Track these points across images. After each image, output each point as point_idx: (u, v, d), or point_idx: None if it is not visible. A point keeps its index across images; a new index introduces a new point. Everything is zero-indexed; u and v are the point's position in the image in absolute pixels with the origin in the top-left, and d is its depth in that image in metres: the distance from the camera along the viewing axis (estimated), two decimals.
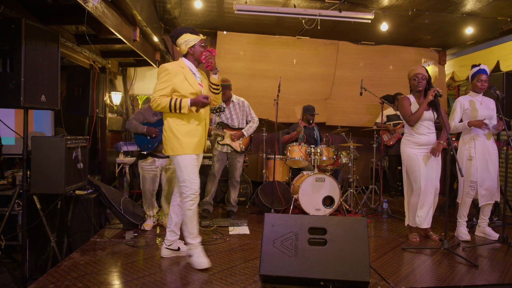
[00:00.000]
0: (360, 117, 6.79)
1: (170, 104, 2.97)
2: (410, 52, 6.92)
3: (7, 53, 2.93)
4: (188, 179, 3.02)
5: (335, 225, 2.75)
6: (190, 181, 3.01)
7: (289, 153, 4.97)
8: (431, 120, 3.78)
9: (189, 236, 3.10)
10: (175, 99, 2.99)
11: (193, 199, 3.02)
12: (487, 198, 3.92)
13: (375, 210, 5.20)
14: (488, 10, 5.11)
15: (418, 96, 3.83)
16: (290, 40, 6.51)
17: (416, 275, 2.95)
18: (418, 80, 3.78)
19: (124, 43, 4.66)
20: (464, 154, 3.93)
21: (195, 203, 3.04)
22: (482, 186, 3.88)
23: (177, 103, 2.97)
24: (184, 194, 3.03)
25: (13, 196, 3.20)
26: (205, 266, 2.98)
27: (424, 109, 3.69)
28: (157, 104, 2.99)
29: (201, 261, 3.01)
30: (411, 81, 3.84)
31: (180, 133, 3.05)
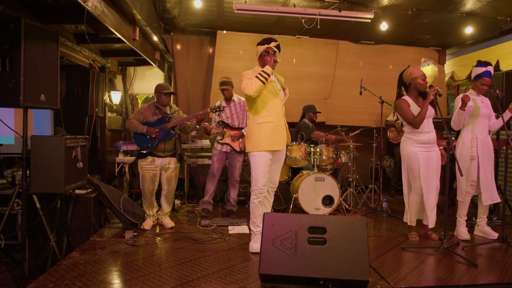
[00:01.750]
0: (360, 117, 6.79)
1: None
2: (409, 52, 6.92)
3: (6, 52, 2.93)
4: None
5: (334, 225, 2.75)
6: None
7: (288, 152, 4.97)
8: (431, 118, 3.76)
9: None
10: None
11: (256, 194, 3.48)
12: (492, 197, 3.89)
13: (374, 210, 5.21)
14: (488, 10, 5.11)
15: (415, 97, 3.81)
16: (290, 40, 6.50)
17: (416, 274, 2.95)
18: (425, 81, 3.75)
19: (124, 42, 4.65)
20: (466, 153, 3.92)
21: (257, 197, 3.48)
22: (485, 186, 3.86)
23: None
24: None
25: (13, 195, 3.19)
26: (253, 251, 3.41)
27: (427, 110, 3.69)
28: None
29: (252, 246, 3.45)
30: (417, 80, 3.75)
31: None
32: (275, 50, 3.56)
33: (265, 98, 3.50)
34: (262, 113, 3.48)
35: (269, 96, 3.50)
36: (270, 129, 3.46)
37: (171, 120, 4.18)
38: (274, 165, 3.60)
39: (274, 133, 3.46)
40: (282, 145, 3.52)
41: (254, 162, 3.47)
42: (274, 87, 3.53)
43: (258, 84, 3.35)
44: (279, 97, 3.55)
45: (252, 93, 3.37)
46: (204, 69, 6.52)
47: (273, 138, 3.46)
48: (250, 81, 3.37)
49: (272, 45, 3.57)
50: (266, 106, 3.49)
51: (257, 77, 3.37)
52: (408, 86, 3.85)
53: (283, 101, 3.59)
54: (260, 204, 3.52)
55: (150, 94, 7.33)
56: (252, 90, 3.35)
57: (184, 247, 3.54)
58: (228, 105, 4.83)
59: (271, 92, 3.50)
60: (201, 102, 6.50)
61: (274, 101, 3.50)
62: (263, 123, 3.47)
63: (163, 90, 4.21)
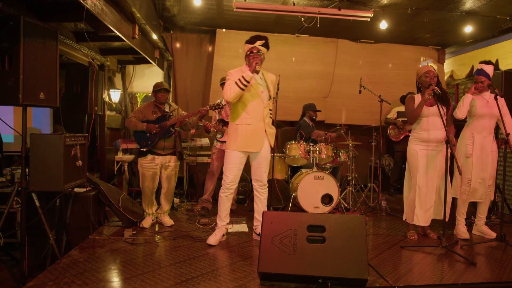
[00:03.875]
0: (359, 115, 6.79)
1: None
2: (409, 50, 6.92)
3: (5, 51, 2.92)
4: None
5: (333, 223, 2.76)
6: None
7: (288, 151, 4.97)
8: (437, 116, 3.67)
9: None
10: None
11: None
12: (481, 196, 3.89)
13: (373, 208, 5.21)
14: (487, 9, 5.11)
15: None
16: (289, 38, 6.50)
17: (414, 273, 2.96)
18: (430, 77, 3.72)
19: (123, 40, 4.65)
20: (462, 151, 3.94)
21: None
22: (477, 184, 3.87)
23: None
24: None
25: (12, 193, 3.19)
26: (209, 243, 3.55)
27: (421, 109, 3.68)
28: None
29: (210, 238, 3.59)
30: (422, 78, 3.76)
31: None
32: (259, 49, 3.49)
33: (244, 100, 3.50)
34: (241, 115, 3.52)
35: (249, 98, 3.50)
36: (247, 132, 3.49)
37: (170, 118, 4.18)
38: (254, 162, 3.65)
39: (250, 136, 3.50)
40: (257, 148, 3.55)
41: (225, 158, 3.61)
42: (256, 89, 3.50)
43: (236, 91, 3.36)
44: (261, 99, 3.52)
45: (231, 100, 3.41)
46: (203, 67, 6.51)
47: (248, 140, 3.50)
48: (229, 86, 3.37)
49: (258, 44, 3.49)
50: (245, 108, 3.50)
51: (236, 83, 3.35)
52: (420, 85, 3.87)
53: (266, 103, 3.57)
54: (227, 199, 3.67)
55: (149, 93, 7.33)
56: (230, 97, 3.38)
57: (183, 245, 3.55)
58: (228, 104, 4.82)
59: (251, 94, 3.49)
60: (200, 100, 6.50)
61: (254, 104, 3.50)
62: (241, 124, 3.51)
63: (157, 88, 4.22)
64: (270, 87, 3.64)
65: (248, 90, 3.46)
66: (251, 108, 3.50)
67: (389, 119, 6.27)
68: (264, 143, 3.60)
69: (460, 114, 3.88)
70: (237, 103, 3.54)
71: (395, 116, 6.25)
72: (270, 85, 3.65)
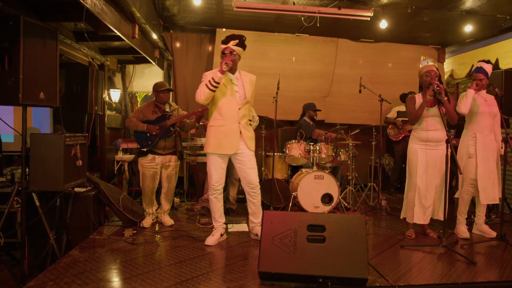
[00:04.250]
0: (359, 115, 6.79)
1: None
2: (409, 50, 6.92)
3: (5, 50, 2.92)
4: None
5: (334, 223, 2.76)
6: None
7: (288, 150, 4.97)
8: (437, 116, 3.68)
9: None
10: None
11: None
12: (490, 197, 3.85)
13: (373, 208, 5.21)
14: (487, 8, 5.11)
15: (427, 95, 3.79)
16: (289, 38, 6.50)
17: (415, 272, 2.96)
18: (431, 76, 3.71)
19: (123, 40, 4.64)
20: (465, 151, 3.93)
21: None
22: (483, 184, 3.85)
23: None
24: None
25: (12, 193, 3.19)
26: (207, 243, 3.53)
27: (422, 110, 3.68)
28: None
29: (208, 239, 3.56)
30: (423, 77, 3.76)
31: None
32: (232, 50, 3.40)
33: (216, 100, 3.44)
34: (214, 116, 3.48)
35: (221, 99, 3.43)
36: (219, 134, 3.44)
37: (170, 118, 4.18)
38: (236, 164, 3.59)
39: (223, 138, 3.43)
40: (230, 150, 3.46)
41: (207, 161, 3.60)
42: (229, 89, 3.43)
43: (206, 92, 3.31)
44: (234, 100, 3.44)
45: (202, 102, 3.37)
46: (203, 67, 6.51)
47: (220, 142, 3.43)
48: (201, 88, 3.32)
49: (231, 44, 3.39)
50: (218, 109, 3.44)
51: (206, 85, 3.30)
52: (421, 82, 3.86)
53: (241, 103, 3.47)
54: (217, 200, 3.61)
55: (149, 92, 7.33)
56: (201, 99, 3.34)
57: (183, 245, 3.55)
58: None
59: (223, 94, 3.42)
60: None
61: (227, 104, 3.42)
62: (213, 126, 3.48)
63: (160, 88, 4.21)
64: (248, 88, 3.53)
65: (221, 90, 3.39)
66: (224, 109, 3.43)
67: (389, 119, 6.27)
68: (240, 145, 3.50)
69: (463, 109, 3.81)
70: (211, 104, 3.49)
71: (395, 115, 6.25)
72: (248, 85, 3.55)
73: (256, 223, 3.71)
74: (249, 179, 3.58)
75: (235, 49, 3.40)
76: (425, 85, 3.76)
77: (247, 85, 3.53)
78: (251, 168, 3.58)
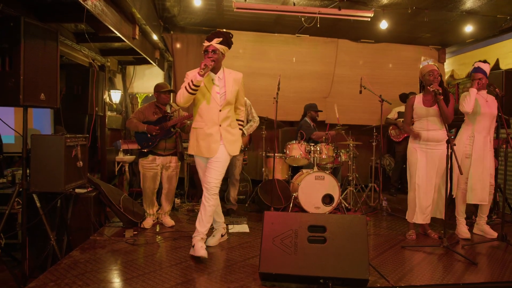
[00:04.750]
0: (360, 115, 6.79)
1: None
2: (409, 50, 6.92)
3: (6, 51, 2.93)
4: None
5: (334, 223, 2.76)
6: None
7: (288, 151, 4.97)
8: (437, 116, 3.69)
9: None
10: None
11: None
12: (481, 198, 3.85)
13: (374, 208, 5.21)
14: (488, 8, 5.11)
15: (427, 95, 3.79)
16: (290, 38, 6.50)
17: (415, 272, 2.95)
18: (434, 75, 3.71)
19: (123, 41, 4.65)
20: (462, 151, 3.93)
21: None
22: (472, 184, 3.84)
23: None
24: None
25: (13, 194, 3.19)
26: (208, 244, 3.40)
27: (411, 131, 3.76)
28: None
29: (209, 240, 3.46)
30: (426, 76, 3.75)
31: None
32: (215, 48, 3.16)
33: (196, 101, 3.30)
34: (196, 118, 3.34)
35: (201, 100, 3.28)
36: (198, 136, 3.29)
37: (171, 119, 4.19)
38: (208, 165, 3.32)
39: (202, 140, 3.27)
40: (209, 154, 3.25)
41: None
42: (209, 89, 3.25)
43: (185, 96, 3.14)
44: (215, 101, 3.25)
45: (182, 105, 3.23)
46: None
47: (199, 145, 3.28)
48: (181, 90, 3.16)
49: (214, 42, 3.15)
50: (199, 110, 3.29)
51: (185, 88, 3.13)
52: (424, 81, 3.85)
53: (222, 105, 3.25)
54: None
55: (150, 93, 7.33)
56: (181, 102, 3.19)
57: (184, 246, 3.55)
58: None
59: (203, 95, 3.26)
60: None
61: (207, 106, 3.25)
62: (195, 128, 3.34)
63: (162, 89, 4.22)
64: (231, 88, 3.29)
65: (200, 91, 3.21)
66: (204, 111, 3.26)
67: (390, 120, 6.27)
68: (219, 149, 3.26)
69: (467, 108, 3.78)
70: (194, 106, 3.36)
71: (395, 116, 6.25)
72: (232, 85, 3.30)
73: (200, 233, 3.25)
74: (207, 179, 3.26)
75: (218, 47, 3.16)
76: (427, 84, 3.76)
77: (230, 85, 3.29)
78: (216, 169, 3.27)
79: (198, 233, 3.23)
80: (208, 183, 3.24)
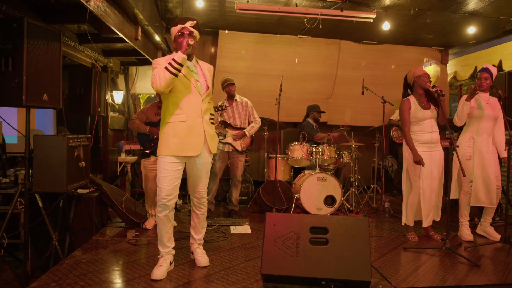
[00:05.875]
0: (362, 117, 6.78)
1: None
2: (412, 52, 6.91)
3: (9, 52, 2.94)
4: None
5: (336, 225, 2.75)
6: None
7: (290, 152, 4.96)
8: (434, 118, 3.77)
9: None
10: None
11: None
12: (485, 200, 3.83)
13: (376, 210, 5.20)
14: (491, 10, 5.09)
15: (419, 96, 3.81)
16: (292, 39, 6.50)
17: (418, 274, 2.94)
18: (429, 78, 3.75)
19: (126, 42, 4.66)
20: (462, 153, 3.91)
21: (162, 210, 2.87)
22: (481, 187, 3.83)
23: None
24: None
25: (16, 194, 3.20)
26: (154, 278, 2.76)
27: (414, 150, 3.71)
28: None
29: (154, 272, 2.81)
30: (421, 78, 3.75)
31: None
32: (191, 30, 2.83)
33: (175, 91, 2.85)
34: (171, 110, 2.87)
35: (181, 89, 2.86)
36: (181, 131, 2.83)
37: None
38: (191, 170, 3.01)
39: (186, 135, 2.84)
40: (196, 150, 2.87)
41: (157, 167, 2.89)
42: (189, 77, 2.88)
43: (167, 77, 2.69)
44: (196, 90, 2.89)
45: (163, 88, 2.73)
46: None
47: (183, 141, 2.83)
48: (158, 73, 2.71)
49: (188, 24, 2.82)
50: (178, 101, 2.85)
51: (167, 68, 2.69)
52: (413, 85, 3.86)
53: (204, 95, 2.92)
54: (167, 219, 2.87)
55: (152, 94, 7.35)
56: (161, 85, 2.71)
57: (186, 247, 3.54)
58: (230, 105, 4.83)
59: (184, 84, 2.85)
60: None
61: (188, 95, 2.85)
62: (172, 122, 2.85)
63: None
64: (208, 77, 3.00)
65: (179, 80, 2.81)
66: (185, 101, 2.85)
67: (393, 121, 6.26)
68: (204, 145, 2.93)
69: (459, 123, 3.90)
70: (168, 96, 2.87)
71: (398, 117, 6.23)
72: (208, 75, 3.02)
73: (197, 240, 3.16)
74: (197, 189, 3.05)
75: (193, 30, 2.84)
76: (424, 85, 3.75)
77: (207, 75, 3.01)
78: (205, 176, 3.07)
79: (195, 240, 3.15)
80: (199, 192, 3.05)
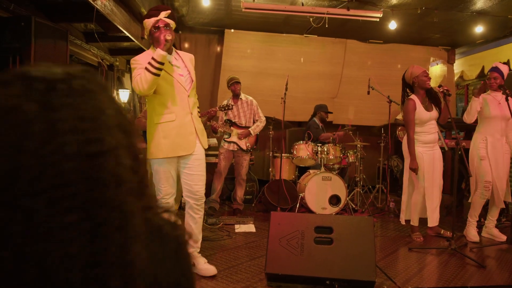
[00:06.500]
0: (368, 116, 6.75)
1: None
2: (418, 51, 6.87)
3: (17, 51, 2.96)
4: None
5: (341, 224, 2.75)
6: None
7: (295, 151, 4.96)
8: (435, 119, 3.78)
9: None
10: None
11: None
12: (497, 201, 3.82)
13: (381, 210, 5.18)
14: (498, 9, 5.05)
15: (421, 96, 3.79)
16: (298, 39, 6.49)
17: (423, 275, 2.94)
18: (428, 77, 3.75)
19: (132, 40, 4.68)
20: (476, 154, 3.88)
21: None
22: (497, 187, 3.80)
23: None
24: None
25: None
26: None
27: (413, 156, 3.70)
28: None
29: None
30: (420, 77, 3.74)
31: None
32: (167, 22, 2.62)
33: (160, 90, 2.68)
34: (158, 110, 2.73)
35: (166, 87, 2.68)
36: (171, 131, 2.69)
37: None
38: (185, 169, 2.81)
39: (177, 135, 2.70)
40: (189, 149, 2.74)
41: (152, 170, 2.80)
42: (171, 73, 2.71)
43: (149, 78, 2.52)
44: (181, 85, 2.73)
45: (147, 91, 2.58)
46: (211, 67, 6.54)
47: (175, 141, 2.69)
48: (140, 75, 2.56)
49: (163, 15, 2.61)
50: (164, 100, 2.70)
51: (147, 69, 2.53)
52: (412, 86, 3.84)
53: (189, 89, 2.77)
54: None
55: None
56: (144, 88, 2.55)
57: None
58: (235, 104, 4.84)
59: (167, 81, 2.68)
60: (209, 101, 6.52)
61: (173, 93, 2.70)
62: (161, 123, 2.71)
63: None
64: (191, 69, 2.83)
65: (162, 78, 2.62)
66: (171, 99, 2.69)
67: (399, 120, 6.22)
68: (196, 142, 2.79)
69: (469, 120, 3.85)
70: (153, 98, 2.72)
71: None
72: (191, 66, 2.84)
73: (196, 248, 2.89)
74: (195, 189, 2.81)
75: (169, 21, 2.64)
76: (421, 85, 3.74)
77: (190, 66, 2.84)
78: (200, 174, 2.83)
79: (194, 249, 2.85)
80: (197, 193, 2.82)
